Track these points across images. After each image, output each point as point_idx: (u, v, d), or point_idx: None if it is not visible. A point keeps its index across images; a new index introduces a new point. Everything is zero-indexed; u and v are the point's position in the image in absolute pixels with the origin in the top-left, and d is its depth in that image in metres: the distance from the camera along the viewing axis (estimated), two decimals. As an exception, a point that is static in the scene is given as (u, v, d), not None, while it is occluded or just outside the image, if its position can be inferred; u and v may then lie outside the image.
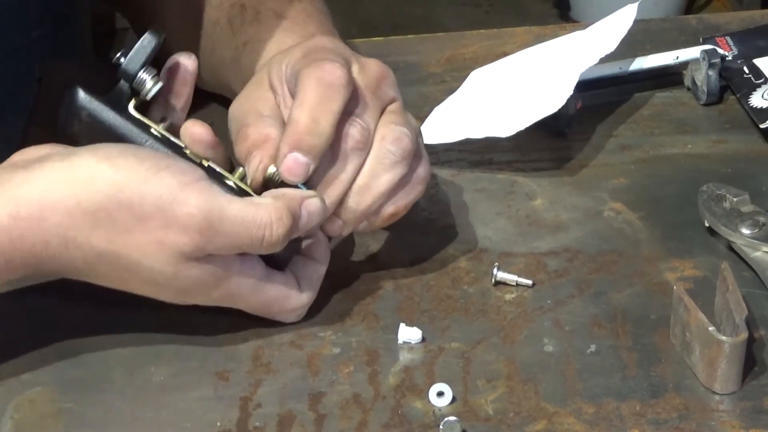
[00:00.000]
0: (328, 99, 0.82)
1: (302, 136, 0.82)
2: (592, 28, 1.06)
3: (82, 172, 0.80)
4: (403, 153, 0.85)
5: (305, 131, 0.82)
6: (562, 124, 1.02)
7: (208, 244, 0.79)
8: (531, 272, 0.90)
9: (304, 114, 0.82)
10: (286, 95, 0.87)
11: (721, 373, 0.79)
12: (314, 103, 0.82)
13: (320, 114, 0.82)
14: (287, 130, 0.83)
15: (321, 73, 0.83)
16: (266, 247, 0.80)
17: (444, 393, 0.80)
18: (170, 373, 0.83)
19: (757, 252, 0.88)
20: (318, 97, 0.82)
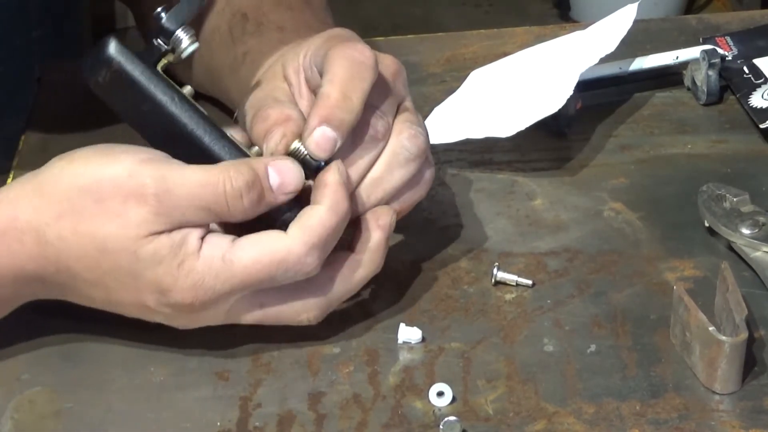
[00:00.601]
0: (359, 76, 0.82)
1: (333, 110, 0.81)
2: (592, 28, 1.05)
3: (48, 172, 0.82)
4: (418, 151, 0.85)
5: (336, 105, 0.81)
6: (562, 124, 1.02)
7: (168, 211, 0.78)
8: (531, 272, 0.90)
9: (335, 89, 0.81)
10: (302, 86, 0.87)
11: (721, 373, 0.79)
12: (345, 79, 0.82)
13: (351, 90, 0.82)
14: (317, 103, 0.82)
15: (352, 51, 0.83)
16: (231, 202, 0.79)
17: (444, 393, 0.80)
18: (170, 373, 0.83)
19: (757, 252, 0.88)
20: (349, 73, 0.82)
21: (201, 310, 0.81)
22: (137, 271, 0.79)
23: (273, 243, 0.79)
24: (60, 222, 0.79)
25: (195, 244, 0.79)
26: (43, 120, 1.08)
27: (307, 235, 0.79)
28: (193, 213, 0.79)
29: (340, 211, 0.80)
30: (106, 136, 1.05)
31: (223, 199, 0.79)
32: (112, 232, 0.79)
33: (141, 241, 0.78)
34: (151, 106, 0.82)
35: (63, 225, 0.79)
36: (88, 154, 0.81)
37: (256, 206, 0.80)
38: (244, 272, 0.79)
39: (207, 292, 0.79)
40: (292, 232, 0.80)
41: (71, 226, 0.79)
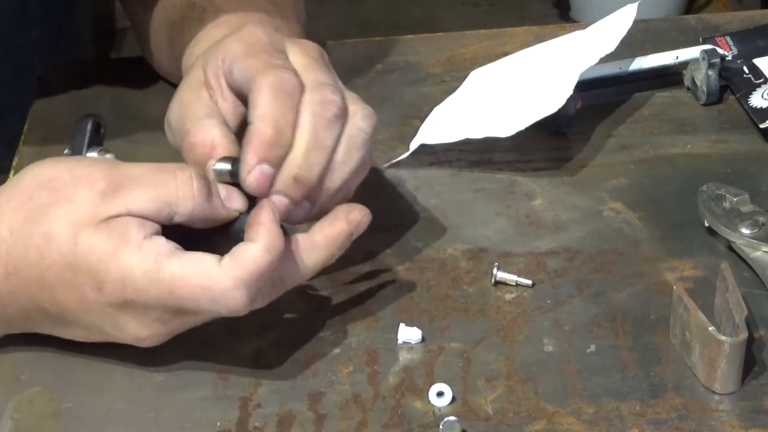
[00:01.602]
0: (288, 108, 0.82)
1: (269, 148, 0.81)
2: (592, 28, 1.06)
3: (18, 175, 0.82)
4: (372, 132, 0.85)
5: (271, 143, 0.81)
6: (562, 124, 1.02)
7: (116, 189, 0.78)
8: (531, 272, 0.90)
9: (267, 126, 0.81)
10: (225, 89, 0.87)
11: (720, 373, 0.79)
12: (277, 114, 0.81)
13: (284, 124, 0.82)
14: (252, 141, 0.81)
15: (278, 82, 0.82)
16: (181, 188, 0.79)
17: (444, 393, 0.80)
18: (170, 373, 0.83)
19: (757, 252, 0.88)
20: (279, 107, 0.82)
21: (133, 311, 0.79)
22: (74, 260, 0.78)
23: (204, 267, 0.78)
24: (14, 216, 0.79)
25: (135, 236, 0.78)
26: (43, 120, 1.08)
27: (237, 270, 0.77)
28: (140, 195, 0.78)
29: (274, 251, 0.78)
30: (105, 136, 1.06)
31: (172, 181, 0.79)
32: (58, 217, 0.78)
33: (83, 226, 0.78)
34: None
35: (15, 217, 0.79)
36: (54, 158, 0.82)
37: (205, 199, 0.80)
38: (170, 283, 0.77)
39: (137, 290, 0.78)
40: (225, 262, 0.78)
41: (22, 217, 0.79)
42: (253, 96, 0.82)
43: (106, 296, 0.78)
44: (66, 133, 1.06)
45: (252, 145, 0.81)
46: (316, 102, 0.82)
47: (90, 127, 0.87)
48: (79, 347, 0.84)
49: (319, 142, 0.82)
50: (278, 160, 0.81)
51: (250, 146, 0.81)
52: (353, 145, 0.84)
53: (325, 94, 0.83)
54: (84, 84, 1.12)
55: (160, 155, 1.03)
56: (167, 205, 0.79)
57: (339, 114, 0.83)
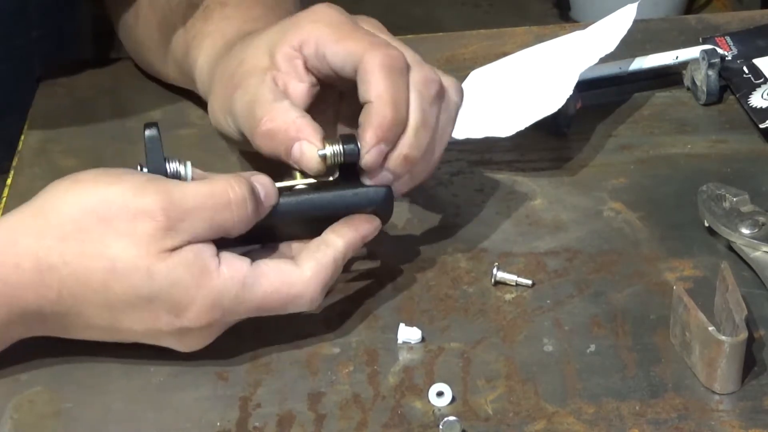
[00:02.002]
0: (403, 86, 0.83)
1: (389, 128, 0.83)
2: (592, 28, 1.05)
3: (50, 194, 0.80)
4: (462, 102, 0.87)
5: (391, 123, 0.83)
6: (562, 124, 1.02)
7: (176, 224, 0.77)
8: (531, 272, 0.90)
9: (387, 106, 0.83)
10: (301, 71, 0.87)
11: (720, 373, 0.79)
12: (394, 94, 0.83)
13: (401, 103, 0.83)
14: (372, 121, 0.82)
15: (390, 60, 0.83)
16: (237, 210, 0.79)
17: (444, 393, 0.80)
18: (170, 373, 0.83)
19: (757, 252, 0.88)
20: (395, 86, 0.83)
21: (212, 331, 0.81)
22: (151, 291, 0.78)
23: (289, 278, 0.81)
24: (64, 244, 0.78)
25: (212, 263, 0.79)
26: (43, 120, 1.08)
27: (321, 275, 0.81)
28: (200, 225, 0.78)
29: (350, 252, 0.83)
30: (105, 136, 1.06)
31: (228, 207, 0.79)
32: (122, 251, 0.77)
33: (153, 258, 0.77)
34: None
35: (67, 247, 0.78)
36: (90, 176, 0.80)
37: (255, 215, 0.80)
38: (263, 300, 0.80)
39: (224, 313, 0.80)
40: (309, 268, 0.81)
41: (77, 249, 0.78)
42: (366, 76, 0.83)
43: (186, 322, 0.79)
44: (67, 133, 1.06)
45: (372, 126, 0.83)
46: (420, 81, 0.84)
47: (159, 138, 0.82)
48: (79, 347, 0.84)
49: (426, 120, 0.84)
50: (395, 138, 0.83)
51: (370, 126, 0.83)
52: (449, 119, 0.87)
53: (427, 73, 0.85)
54: (84, 84, 1.12)
55: (160, 155, 1.03)
56: (223, 229, 0.80)
57: (440, 91, 0.85)
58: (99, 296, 0.78)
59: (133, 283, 0.78)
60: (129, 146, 1.04)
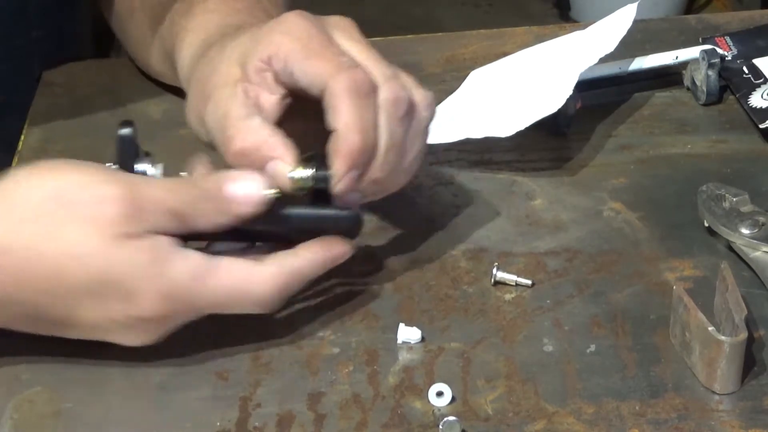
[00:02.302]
0: (370, 111, 0.82)
1: (359, 155, 0.82)
2: (592, 28, 1.06)
3: (11, 180, 0.80)
4: (432, 116, 0.87)
5: (360, 150, 0.82)
6: (562, 124, 1.02)
7: (138, 212, 0.77)
8: (530, 272, 0.90)
9: (355, 134, 0.82)
10: (271, 83, 0.86)
11: (720, 373, 0.79)
12: (361, 120, 0.82)
13: (368, 129, 0.82)
14: (341, 149, 0.82)
15: (355, 85, 0.82)
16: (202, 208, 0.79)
17: (443, 393, 0.80)
18: (170, 373, 0.83)
19: (757, 252, 0.88)
20: (362, 112, 0.82)
21: (165, 324, 0.80)
22: (108, 277, 0.77)
23: (249, 276, 0.80)
24: (22, 226, 0.77)
25: (168, 254, 0.78)
26: (43, 120, 1.08)
27: (282, 279, 0.80)
28: (162, 217, 0.78)
29: (317, 269, 0.83)
30: (105, 136, 1.06)
31: (192, 204, 0.79)
32: (80, 234, 0.77)
33: (110, 243, 0.77)
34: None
35: (25, 229, 0.77)
36: (53, 163, 0.80)
37: (223, 215, 0.80)
38: (218, 294, 0.79)
39: (177, 305, 0.79)
40: (269, 270, 0.80)
41: (35, 230, 0.77)
42: (333, 102, 0.82)
43: (138, 310, 0.79)
44: (66, 133, 1.06)
45: (341, 154, 0.82)
46: (389, 100, 0.83)
47: (133, 137, 0.83)
48: (79, 347, 0.84)
49: (395, 141, 0.84)
50: (365, 163, 0.83)
51: (340, 155, 0.82)
52: (418, 134, 0.86)
53: (396, 91, 0.84)
54: (84, 84, 1.12)
55: (159, 155, 1.03)
56: (185, 224, 0.79)
57: (409, 110, 0.84)
58: (53, 282, 0.78)
59: (88, 268, 0.77)
60: (129, 146, 1.04)
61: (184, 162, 1.01)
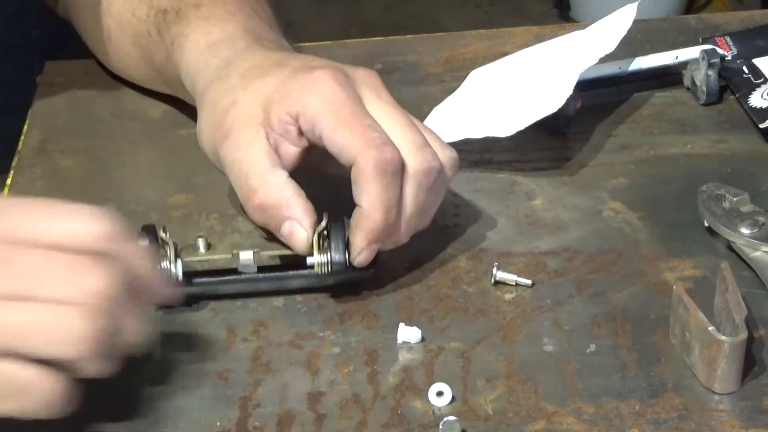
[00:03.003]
0: (395, 189, 0.84)
1: (380, 231, 0.84)
2: (592, 28, 1.05)
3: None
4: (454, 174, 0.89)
5: (382, 228, 0.84)
6: (562, 124, 1.02)
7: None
8: (530, 272, 0.90)
9: (379, 212, 0.84)
10: (294, 137, 0.87)
11: (720, 373, 0.79)
12: (386, 199, 0.84)
13: (392, 206, 0.84)
14: (363, 226, 0.84)
15: (383, 164, 0.83)
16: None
17: (443, 393, 0.80)
18: (170, 373, 0.83)
19: (757, 252, 0.88)
20: (387, 191, 0.84)
21: None
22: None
23: None
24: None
25: None
26: (43, 120, 1.08)
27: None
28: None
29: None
30: (105, 136, 1.06)
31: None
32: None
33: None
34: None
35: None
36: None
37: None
38: None
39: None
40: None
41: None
42: (360, 179, 0.84)
43: None
44: (66, 133, 1.06)
45: (363, 230, 0.84)
46: (420, 171, 0.85)
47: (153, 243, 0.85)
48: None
49: (420, 209, 0.86)
50: (385, 237, 0.85)
51: (362, 232, 0.84)
52: (440, 191, 0.88)
53: (427, 162, 0.85)
54: (84, 84, 1.12)
55: (159, 155, 1.04)
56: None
57: (438, 178, 0.86)
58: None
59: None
60: (128, 146, 1.04)
61: (184, 162, 1.01)
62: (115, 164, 1.02)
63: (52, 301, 0.70)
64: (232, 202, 0.96)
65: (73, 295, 0.70)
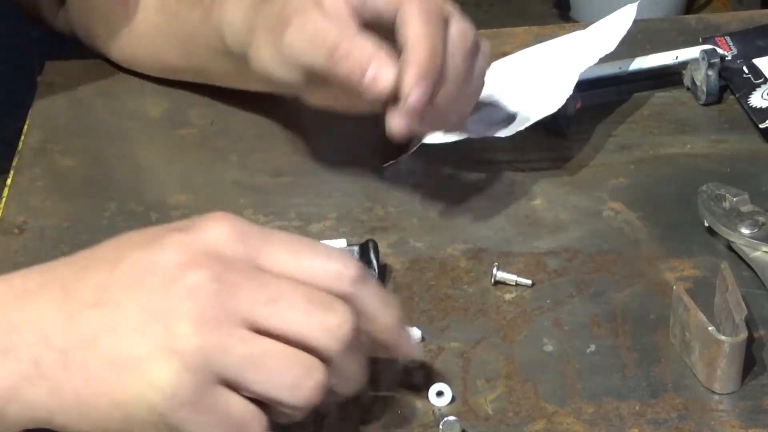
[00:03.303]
0: (439, 34, 0.85)
1: (428, 66, 0.83)
2: (592, 28, 1.05)
3: None
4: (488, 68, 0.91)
5: (430, 62, 0.83)
6: (562, 124, 1.02)
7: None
8: (530, 272, 0.90)
9: (426, 49, 0.84)
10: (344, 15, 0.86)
11: (720, 373, 0.79)
12: (431, 38, 0.84)
13: (438, 48, 0.84)
14: (413, 59, 0.83)
15: (428, 8, 0.85)
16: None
17: (443, 393, 0.80)
18: (170, 373, 0.83)
19: (757, 252, 0.88)
20: (432, 32, 0.84)
21: None
22: None
23: None
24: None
25: None
26: (43, 120, 1.08)
27: None
28: None
29: None
30: (105, 136, 1.06)
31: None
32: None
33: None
34: None
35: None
36: None
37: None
38: None
39: None
40: None
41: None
42: (405, 21, 0.85)
43: None
44: (67, 133, 1.06)
45: (412, 63, 0.83)
46: (458, 33, 0.86)
47: None
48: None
49: (459, 73, 0.86)
50: (435, 76, 0.84)
51: (410, 65, 0.83)
52: (482, 71, 0.89)
53: (464, 25, 0.87)
54: (84, 84, 1.12)
55: (160, 156, 1.04)
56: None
57: (473, 48, 0.88)
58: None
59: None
60: (128, 146, 1.04)
61: (184, 162, 1.01)
62: (115, 164, 1.02)
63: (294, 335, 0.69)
64: (233, 202, 0.96)
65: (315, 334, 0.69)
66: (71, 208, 0.98)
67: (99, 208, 0.97)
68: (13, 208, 0.97)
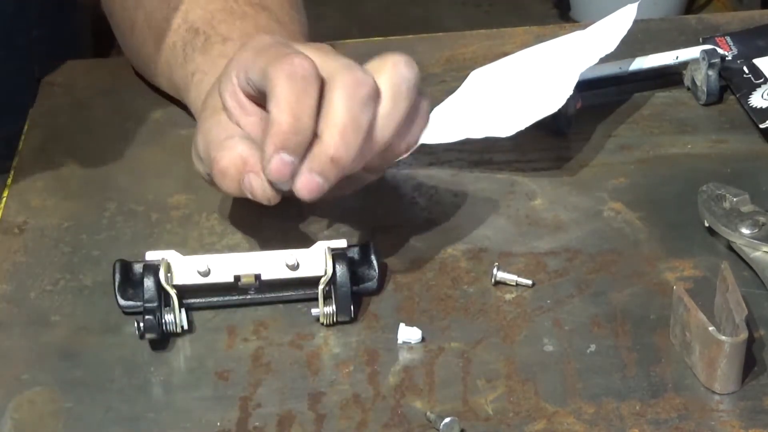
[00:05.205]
0: (304, 94, 0.80)
1: (286, 136, 0.80)
2: (592, 28, 1.05)
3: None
4: (416, 79, 0.84)
5: (289, 131, 0.80)
6: (562, 124, 1.02)
7: None
8: (531, 272, 0.90)
9: (284, 114, 0.80)
10: (245, 103, 0.85)
11: (721, 373, 0.79)
12: (293, 101, 0.80)
13: (300, 110, 0.80)
14: (270, 131, 0.80)
15: (291, 68, 0.80)
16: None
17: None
18: (170, 373, 0.83)
19: (757, 252, 0.88)
20: (294, 93, 0.80)
21: None
22: None
23: None
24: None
25: None
26: (44, 120, 1.08)
27: None
28: None
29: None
30: (105, 136, 1.06)
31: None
32: None
33: None
34: None
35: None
36: None
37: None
38: None
39: None
40: None
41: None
42: (269, 87, 0.81)
43: None
44: (67, 133, 1.06)
45: (269, 135, 0.80)
46: (349, 84, 0.81)
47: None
48: (79, 347, 0.84)
49: (355, 121, 0.81)
50: (298, 147, 0.80)
51: (268, 136, 0.80)
52: (399, 93, 0.83)
53: (356, 75, 0.82)
54: (84, 84, 1.12)
55: (160, 156, 1.04)
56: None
57: (372, 94, 0.82)
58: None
59: None
60: (128, 146, 1.04)
61: (184, 162, 1.01)
62: (115, 164, 1.03)
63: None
64: (233, 202, 0.96)
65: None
66: (71, 208, 0.98)
67: (99, 208, 0.97)
68: (13, 208, 0.98)
